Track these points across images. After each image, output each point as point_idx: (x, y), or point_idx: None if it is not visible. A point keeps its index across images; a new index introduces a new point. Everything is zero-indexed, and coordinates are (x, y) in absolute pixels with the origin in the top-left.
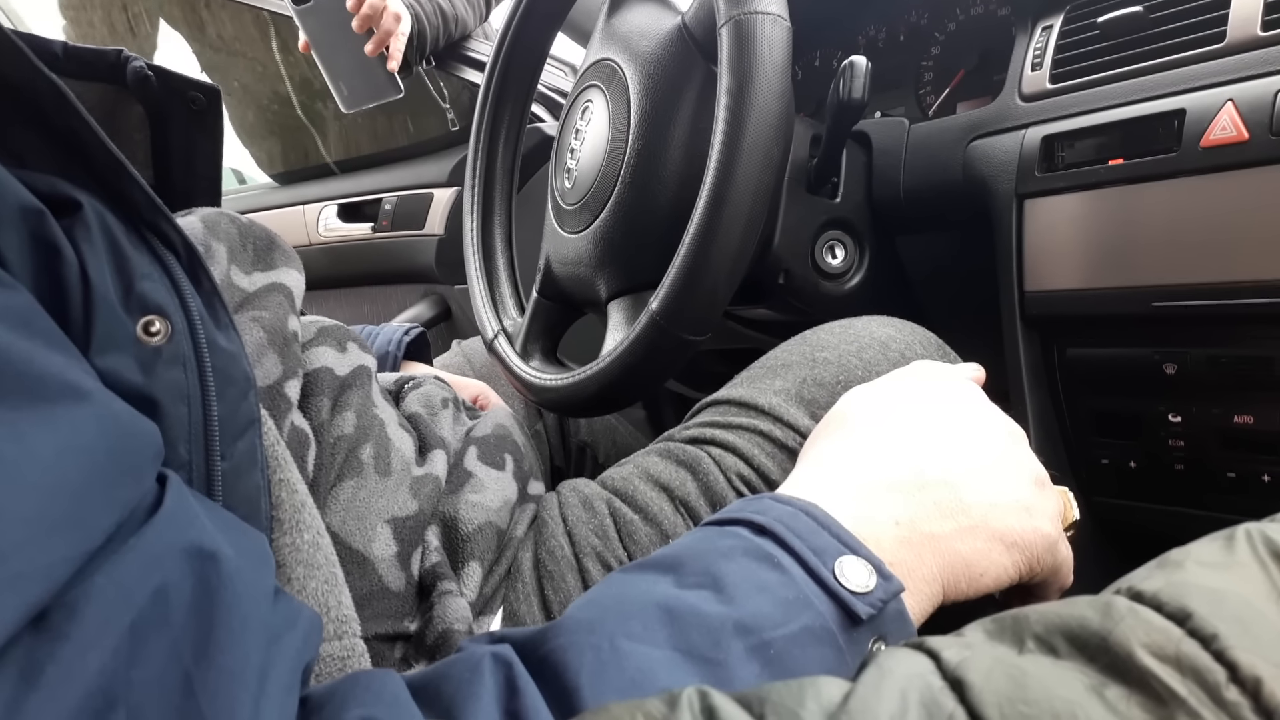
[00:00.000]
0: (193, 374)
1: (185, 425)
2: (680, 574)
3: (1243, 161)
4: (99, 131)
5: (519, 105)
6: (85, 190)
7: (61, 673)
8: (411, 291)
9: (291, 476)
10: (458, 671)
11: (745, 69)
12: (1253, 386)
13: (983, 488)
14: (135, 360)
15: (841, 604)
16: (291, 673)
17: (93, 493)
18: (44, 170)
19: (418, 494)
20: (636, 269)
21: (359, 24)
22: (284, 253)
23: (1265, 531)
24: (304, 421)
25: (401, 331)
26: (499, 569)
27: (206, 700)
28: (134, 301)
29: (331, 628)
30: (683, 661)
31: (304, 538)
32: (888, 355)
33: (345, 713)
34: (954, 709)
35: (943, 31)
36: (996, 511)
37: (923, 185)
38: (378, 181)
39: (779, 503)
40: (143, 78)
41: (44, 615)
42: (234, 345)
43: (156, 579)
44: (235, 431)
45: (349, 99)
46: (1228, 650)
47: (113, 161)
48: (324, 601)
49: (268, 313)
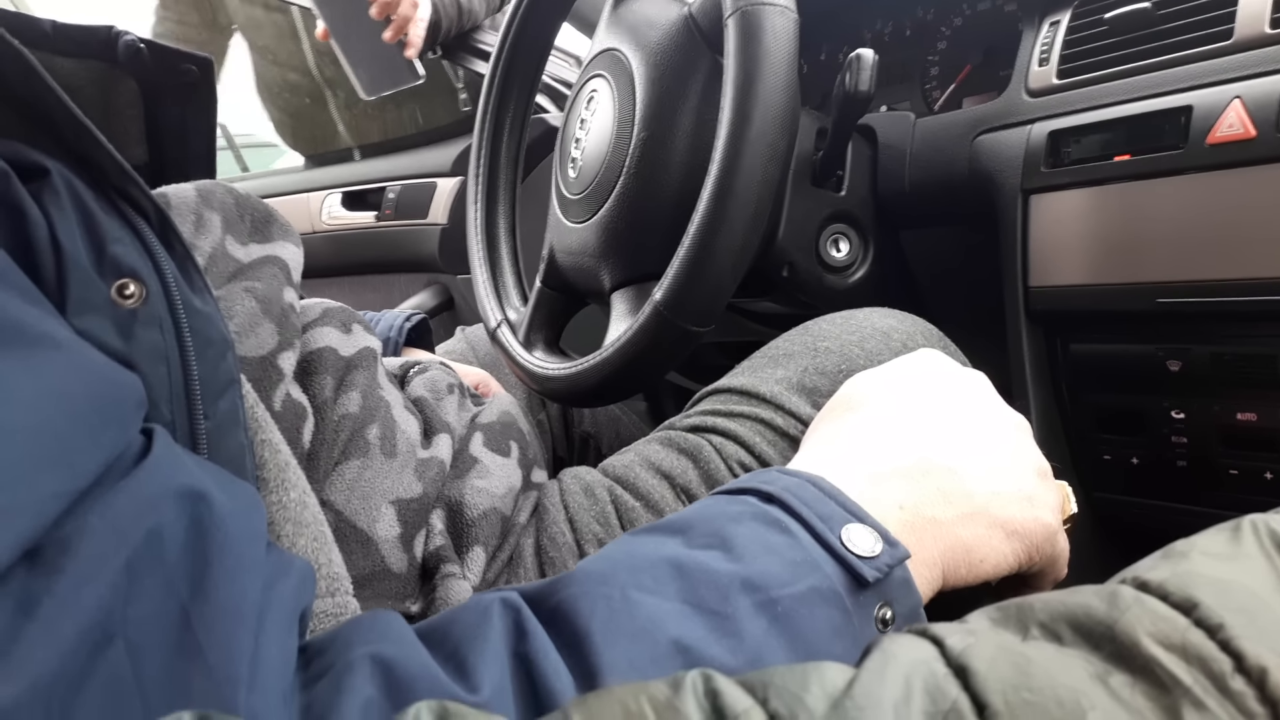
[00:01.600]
0: (170, 335)
1: (166, 385)
2: (689, 535)
3: (1249, 159)
4: (64, 98)
5: (524, 95)
6: (52, 157)
7: (57, 606)
8: (415, 280)
9: (274, 438)
10: (466, 615)
11: (752, 61)
12: (1256, 384)
13: (986, 475)
14: (112, 323)
15: (848, 567)
16: (289, 615)
17: (77, 434)
18: (10, 137)
19: (422, 476)
20: (640, 259)
21: (378, 10)
22: (281, 227)
23: (1270, 523)
24: (302, 395)
25: (403, 318)
26: (502, 555)
27: (205, 633)
28: (107, 265)
29: (323, 584)
30: (692, 614)
31: (290, 496)
32: (889, 345)
33: (351, 651)
34: (958, 695)
35: (949, 26)
36: (999, 500)
37: (928, 180)
38: (382, 170)
39: (786, 474)
40: (135, 51)
41: (38, 551)
42: (209, 307)
43: (150, 520)
44: (216, 390)
45: (368, 86)
46: (1234, 640)
47: (79, 127)
48: (314, 558)
49: (261, 283)
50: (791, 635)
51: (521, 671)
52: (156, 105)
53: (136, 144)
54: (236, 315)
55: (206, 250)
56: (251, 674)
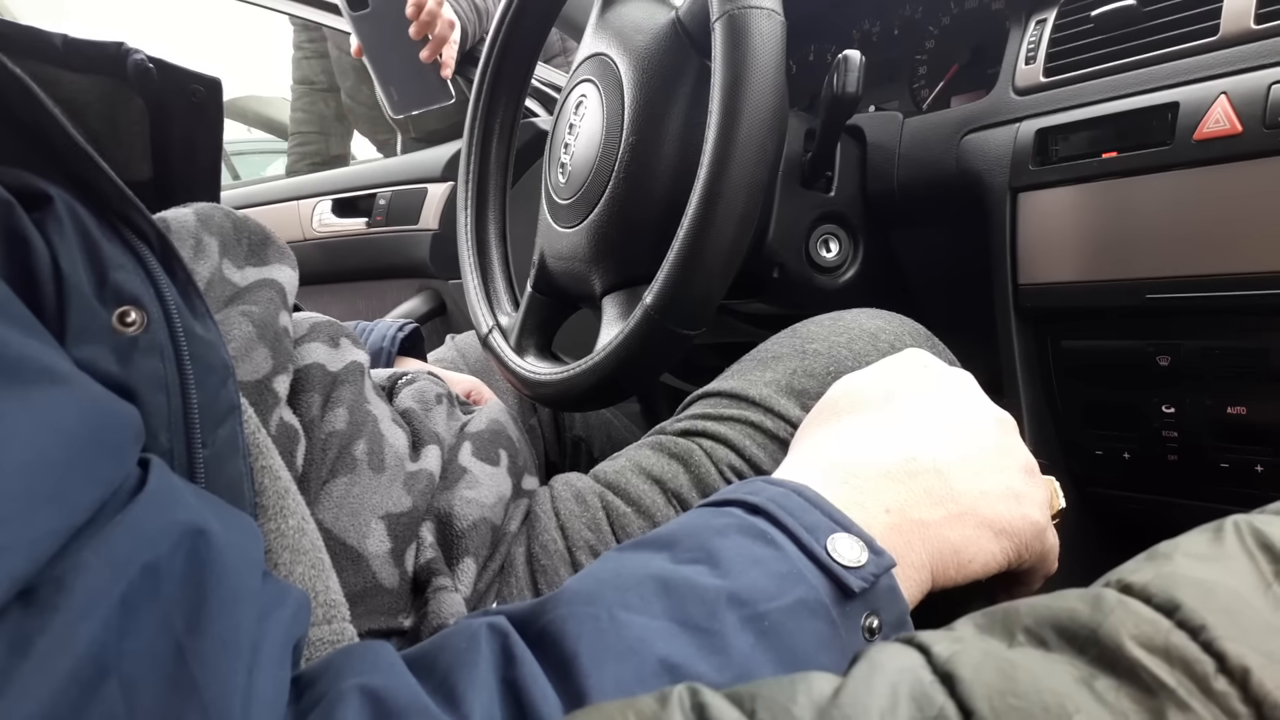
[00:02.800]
0: (170, 363)
1: (165, 414)
2: (675, 550)
3: (1236, 154)
4: (65, 125)
5: (513, 100)
6: (54, 183)
7: (52, 644)
8: (406, 286)
9: (274, 463)
10: (454, 642)
11: (739, 63)
12: (1246, 377)
13: (972, 475)
14: (112, 350)
15: (834, 578)
16: (283, 646)
17: (74, 470)
18: (12, 164)
19: (411, 490)
20: (631, 263)
21: (416, 30)
22: (278, 249)
23: (1254, 523)
24: (293, 417)
25: (395, 327)
26: (493, 564)
27: (199, 668)
28: (108, 292)
29: (320, 612)
30: (679, 631)
31: (289, 523)
32: (877, 346)
33: (341, 682)
34: (944, 703)
35: (937, 25)
36: (986, 499)
37: (917, 179)
38: (372, 176)
39: (771, 484)
40: (144, 70)
41: (32, 590)
42: (211, 334)
43: (147, 554)
44: (216, 419)
45: (398, 104)
46: (1216, 641)
47: (80, 154)
48: (311, 586)
49: (258, 307)
50: (779, 649)
51: (510, 698)
52: (163, 122)
53: (142, 160)
54: (234, 340)
55: (205, 275)
56: (245, 708)
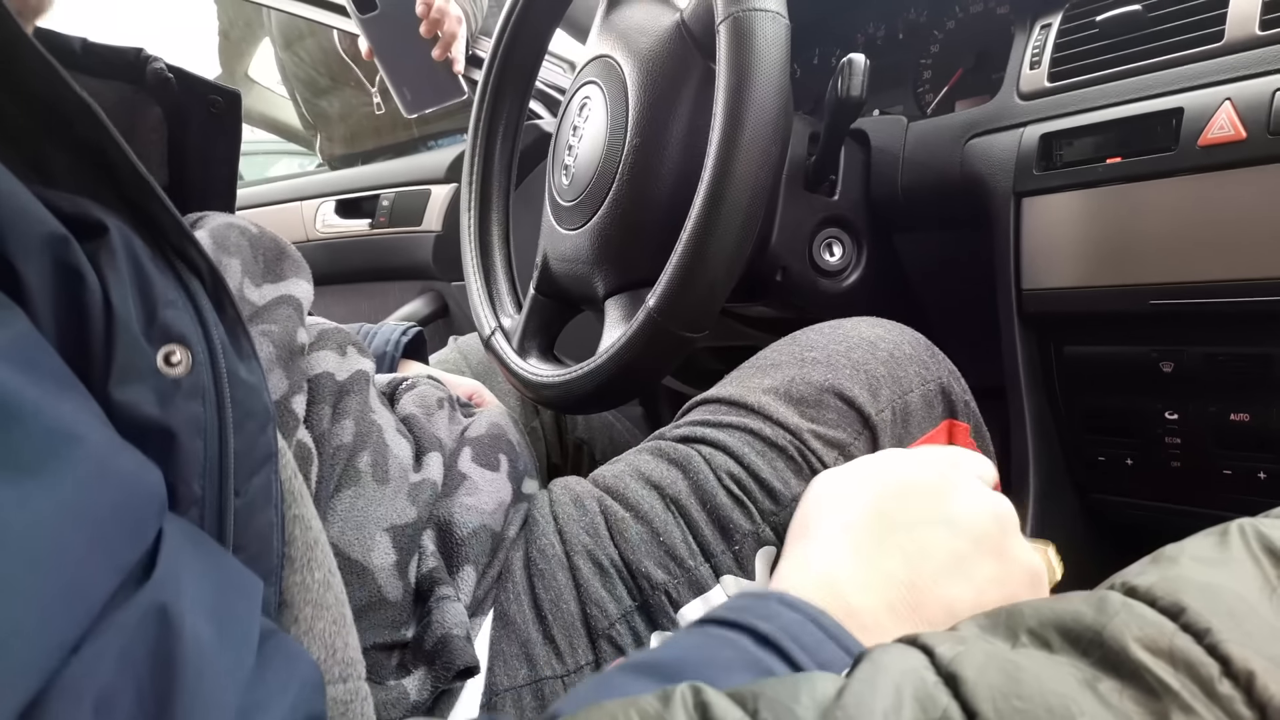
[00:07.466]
0: (211, 407)
1: (200, 460)
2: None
3: (1240, 160)
4: (128, 151)
5: (517, 101)
6: (113, 212)
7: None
8: (409, 288)
9: (306, 512)
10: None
11: (743, 66)
12: (1249, 384)
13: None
14: (154, 391)
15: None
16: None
17: (95, 558)
18: (72, 191)
19: (415, 500)
20: (634, 266)
21: (427, 29)
22: (293, 262)
23: (1259, 527)
24: (308, 435)
25: (399, 331)
26: (491, 571)
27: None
28: (156, 330)
29: (337, 670)
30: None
31: (314, 576)
32: (876, 354)
33: None
34: (948, 704)
35: (941, 30)
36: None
37: (921, 183)
38: (375, 177)
39: (787, 608)
40: (162, 79)
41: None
42: (255, 377)
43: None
44: (251, 467)
45: (412, 103)
46: (1220, 644)
47: (141, 183)
48: (330, 643)
49: (277, 326)
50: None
51: None
52: (180, 131)
53: (159, 168)
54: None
55: None
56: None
